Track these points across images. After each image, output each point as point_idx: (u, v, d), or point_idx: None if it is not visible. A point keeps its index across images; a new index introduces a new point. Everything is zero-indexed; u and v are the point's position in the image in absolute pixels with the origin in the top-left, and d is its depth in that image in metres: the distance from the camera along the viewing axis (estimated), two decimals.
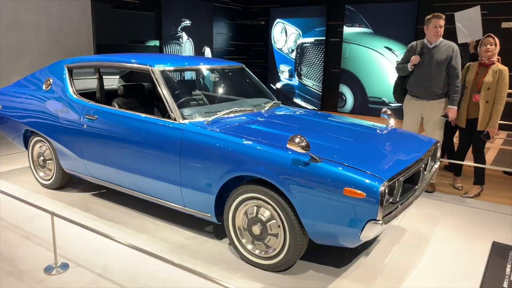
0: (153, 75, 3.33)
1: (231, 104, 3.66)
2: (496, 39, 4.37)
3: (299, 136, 2.52)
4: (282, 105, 4.08)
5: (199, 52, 9.78)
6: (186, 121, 3.14)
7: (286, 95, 10.97)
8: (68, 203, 3.96)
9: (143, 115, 3.35)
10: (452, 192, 4.64)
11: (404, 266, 3.01)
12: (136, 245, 2.57)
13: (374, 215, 2.36)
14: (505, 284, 2.81)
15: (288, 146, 2.52)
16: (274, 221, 2.76)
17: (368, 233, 2.41)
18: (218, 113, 3.31)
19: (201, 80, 7.56)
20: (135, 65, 3.51)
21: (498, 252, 3.25)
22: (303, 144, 2.49)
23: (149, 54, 4.13)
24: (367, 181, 2.38)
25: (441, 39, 4.39)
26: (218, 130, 3.01)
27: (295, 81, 10.79)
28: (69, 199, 4.05)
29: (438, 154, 3.52)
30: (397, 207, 2.67)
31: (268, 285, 2.72)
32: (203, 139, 2.98)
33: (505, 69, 4.32)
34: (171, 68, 3.50)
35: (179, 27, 9.20)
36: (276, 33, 10.88)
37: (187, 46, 9.44)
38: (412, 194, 2.91)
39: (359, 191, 2.37)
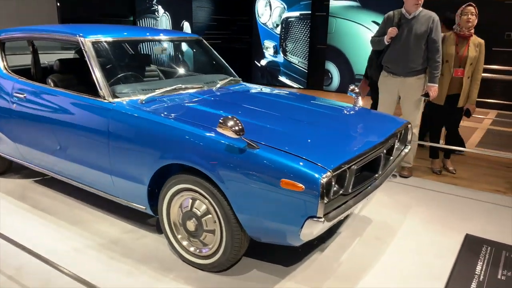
0: (82, 47, 2.91)
1: (179, 81, 3.26)
2: (476, 9, 3.97)
3: (232, 118, 2.13)
4: (242, 83, 3.68)
5: (177, 27, 9.27)
6: (117, 100, 2.74)
7: (271, 73, 10.52)
8: (5, 191, 3.59)
9: (71, 93, 2.95)
10: (431, 177, 4.28)
11: (362, 263, 2.67)
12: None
13: (314, 211, 2.00)
14: (474, 285, 2.47)
15: (218, 129, 2.14)
16: (210, 216, 2.40)
17: (309, 231, 2.05)
18: (156, 90, 2.91)
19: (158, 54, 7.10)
20: (64, 37, 3.08)
21: (470, 246, 2.91)
22: (237, 128, 2.11)
23: (88, 25, 3.69)
24: (306, 171, 2.01)
25: (421, 8, 3.96)
26: (149, 110, 2.62)
27: (280, 58, 10.31)
28: (7, 186, 3.68)
29: (410, 136, 3.14)
30: (349, 199, 2.30)
31: None
32: (131, 121, 2.59)
33: (483, 42, 4.02)
34: (109, 39, 3.08)
35: (155, 0, 8.67)
36: (260, 7, 10.34)
37: (163, 20, 8.93)
38: (370, 183, 2.54)
39: (297, 183, 2.00)
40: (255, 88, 3.56)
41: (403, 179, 4.18)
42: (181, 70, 3.77)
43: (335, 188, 2.15)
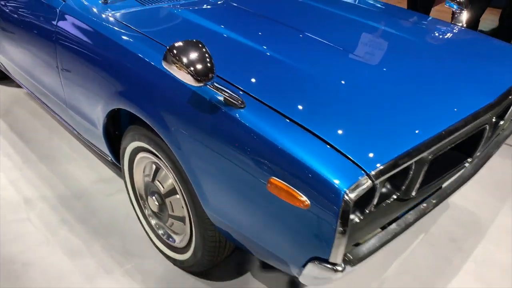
0: None
1: None
2: None
3: (196, 46, 1.10)
4: None
5: None
6: None
7: None
8: None
9: None
10: None
11: (413, 283, 1.69)
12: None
13: (324, 252, 1.02)
14: None
15: (166, 66, 1.14)
16: (177, 196, 1.53)
17: (315, 280, 1.10)
18: None
19: None
20: None
21: None
22: (200, 68, 1.09)
23: None
24: (320, 172, 0.98)
25: None
26: (107, 16, 1.66)
27: None
28: None
29: None
30: (408, 210, 1.27)
31: None
32: (79, 31, 1.67)
33: None
34: None
35: None
36: None
37: None
38: (455, 171, 1.45)
39: (296, 192, 1.01)
40: None
41: None
42: None
43: (375, 200, 1.12)
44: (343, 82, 1.34)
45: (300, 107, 1.17)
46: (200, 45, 1.10)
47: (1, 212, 1.98)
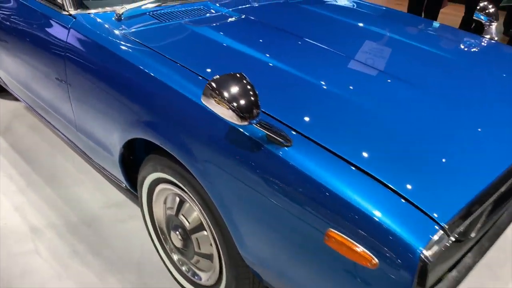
0: None
1: None
2: None
3: (236, 79, 0.98)
4: None
5: None
6: (80, 12, 1.67)
7: None
8: None
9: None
10: None
11: None
12: None
13: None
14: None
15: (205, 102, 1.01)
16: (204, 233, 1.40)
17: None
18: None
19: None
20: None
21: None
22: (243, 104, 0.96)
23: None
24: (389, 225, 0.87)
25: None
26: (122, 33, 1.53)
27: None
28: None
29: None
30: (468, 252, 1.16)
31: None
32: (92, 49, 1.53)
33: None
34: None
35: None
36: None
37: None
38: (508, 204, 1.34)
39: (361, 249, 0.89)
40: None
41: None
42: None
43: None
44: (393, 114, 1.21)
45: (353, 144, 1.04)
46: (241, 76, 0.98)
47: (7, 242, 1.84)
